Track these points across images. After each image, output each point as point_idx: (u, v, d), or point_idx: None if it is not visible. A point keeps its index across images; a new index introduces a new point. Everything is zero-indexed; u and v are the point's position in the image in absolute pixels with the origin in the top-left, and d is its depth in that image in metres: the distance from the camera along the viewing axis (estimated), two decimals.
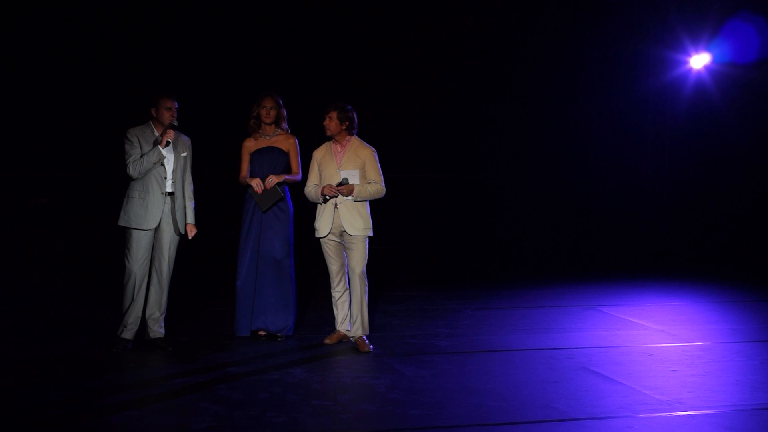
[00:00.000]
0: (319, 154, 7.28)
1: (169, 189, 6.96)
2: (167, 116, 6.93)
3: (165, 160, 6.93)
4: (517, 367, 6.65)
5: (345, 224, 7.08)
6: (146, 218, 6.89)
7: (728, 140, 13.56)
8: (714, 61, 13.37)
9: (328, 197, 7.09)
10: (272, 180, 7.22)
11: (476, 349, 7.26)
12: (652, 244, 14.10)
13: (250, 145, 7.40)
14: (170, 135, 6.88)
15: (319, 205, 7.21)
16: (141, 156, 6.86)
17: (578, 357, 6.93)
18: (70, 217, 12.23)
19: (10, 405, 5.51)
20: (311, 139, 7.60)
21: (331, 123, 7.12)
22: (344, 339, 7.30)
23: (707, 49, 13.35)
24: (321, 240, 7.22)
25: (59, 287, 9.77)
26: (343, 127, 7.14)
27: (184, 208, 7.09)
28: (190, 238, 7.13)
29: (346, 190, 7.03)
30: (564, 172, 14.19)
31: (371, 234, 7.18)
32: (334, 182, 7.06)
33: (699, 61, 13.46)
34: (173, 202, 6.99)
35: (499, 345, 7.39)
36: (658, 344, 7.49)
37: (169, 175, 6.97)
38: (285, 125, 7.44)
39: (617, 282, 10.88)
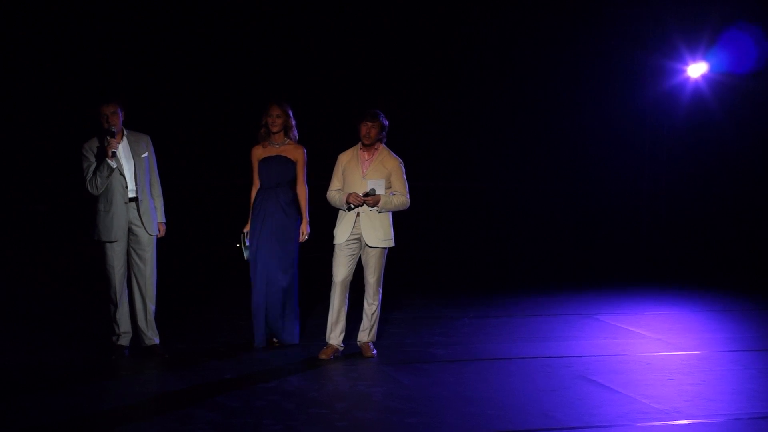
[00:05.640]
0: (344, 158, 7.17)
1: (132, 195, 6.83)
2: (103, 123, 6.72)
3: (123, 168, 6.78)
4: (514, 376, 6.64)
5: (365, 234, 7.02)
6: (112, 230, 6.81)
7: (726, 149, 13.60)
8: (711, 70, 13.41)
9: (353, 206, 7.04)
10: (305, 234, 7.38)
11: (473, 357, 7.25)
12: (649, 252, 14.09)
13: (258, 153, 7.37)
14: (113, 144, 6.66)
15: (340, 211, 7.15)
16: (93, 173, 6.73)
17: (576, 366, 6.91)
18: (69, 224, 12.19)
19: (5, 411, 5.50)
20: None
21: (372, 131, 7.02)
22: (337, 352, 7.18)
23: (704, 58, 13.38)
24: (336, 245, 7.17)
25: (57, 293, 9.74)
26: (380, 137, 7.10)
27: (154, 208, 6.99)
28: (156, 237, 7.03)
29: (372, 201, 6.97)
30: (561, 181, 14.20)
31: (392, 245, 7.15)
32: (359, 190, 6.99)
33: (696, 70, 13.50)
34: (138, 205, 6.86)
35: (496, 353, 7.38)
36: (655, 353, 7.48)
37: (130, 182, 6.82)
38: (295, 134, 7.39)
39: (614, 291, 10.86)
